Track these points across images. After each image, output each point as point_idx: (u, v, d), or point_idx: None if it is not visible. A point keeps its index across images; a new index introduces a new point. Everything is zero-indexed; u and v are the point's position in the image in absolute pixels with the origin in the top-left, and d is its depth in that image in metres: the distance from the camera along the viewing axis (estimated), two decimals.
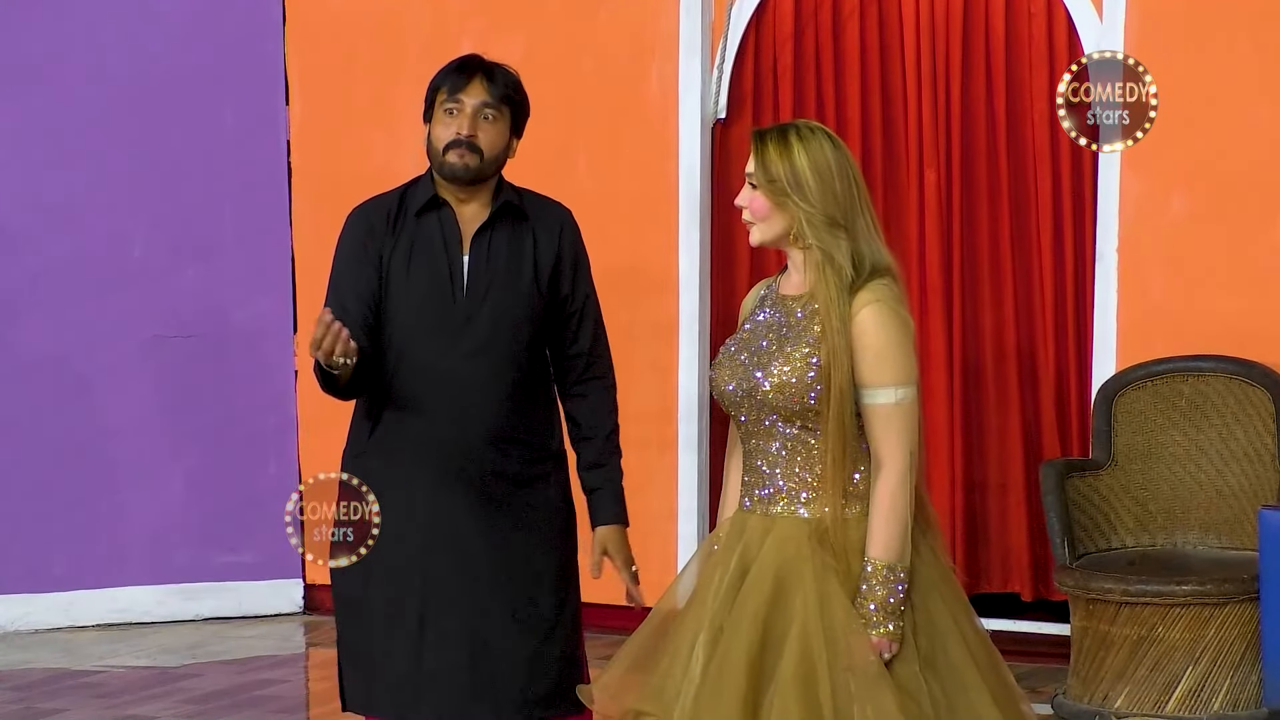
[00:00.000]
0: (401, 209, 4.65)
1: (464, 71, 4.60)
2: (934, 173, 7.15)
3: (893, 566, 3.93)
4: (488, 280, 4.59)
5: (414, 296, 4.59)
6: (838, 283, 3.97)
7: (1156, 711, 5.99)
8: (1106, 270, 6.82)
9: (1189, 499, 6.45)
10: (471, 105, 4.57)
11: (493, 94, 4.59)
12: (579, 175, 7.57)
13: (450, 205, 4.63)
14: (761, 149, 4.03)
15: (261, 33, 8.04)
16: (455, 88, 4.57)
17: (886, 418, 3.96)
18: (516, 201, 4.65)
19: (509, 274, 4.61)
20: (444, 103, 4.58)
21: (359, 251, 4.64)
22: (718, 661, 3.95)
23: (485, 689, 4.58)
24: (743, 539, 4.05)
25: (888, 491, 3.95)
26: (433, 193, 4.63)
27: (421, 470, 4.59)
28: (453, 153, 4.57)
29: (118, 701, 6.83)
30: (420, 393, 4.58)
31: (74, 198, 7.90)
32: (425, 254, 4.61)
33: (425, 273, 4.60)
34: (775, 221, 4.04)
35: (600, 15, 7.58)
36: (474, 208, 4.63)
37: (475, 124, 4.57)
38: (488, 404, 4.57)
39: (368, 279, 4.60)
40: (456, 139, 4.56)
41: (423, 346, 4.58)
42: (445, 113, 4.58)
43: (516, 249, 4.63)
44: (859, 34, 7.25)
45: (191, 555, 8.03)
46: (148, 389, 7.97)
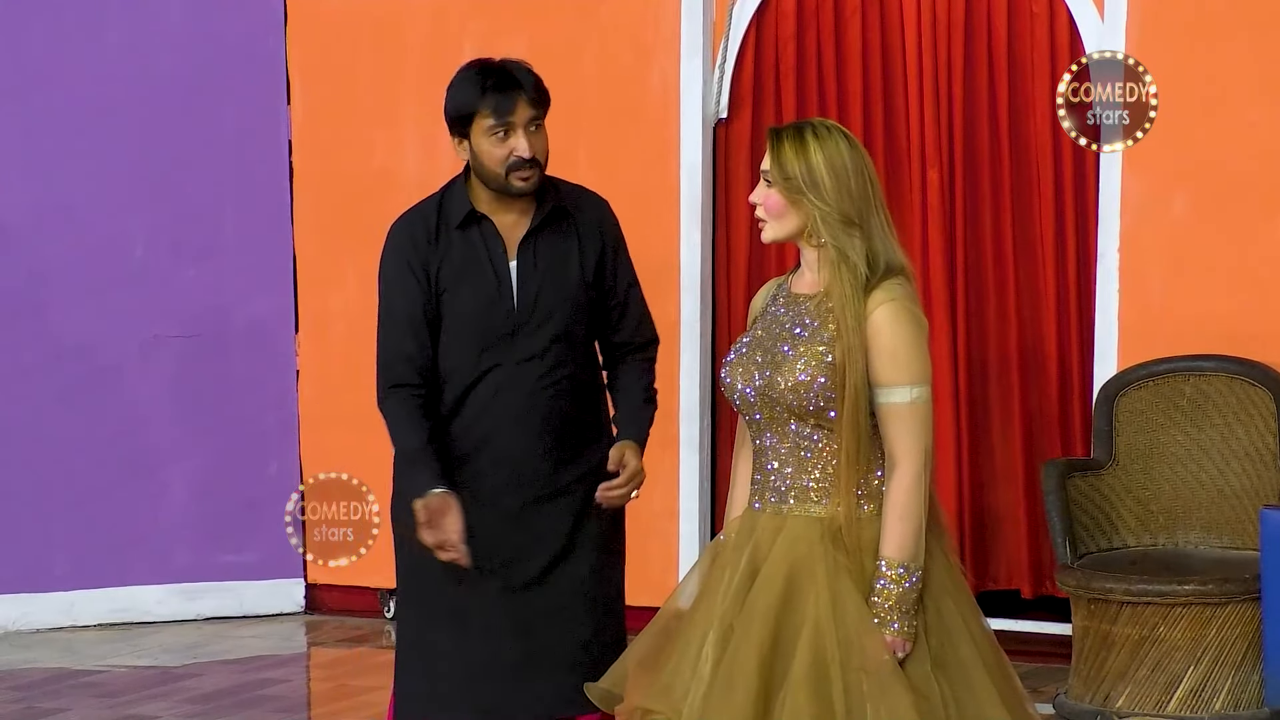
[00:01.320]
0: (441, 221, 4.66)
1: (504, 89, 4.57)
2: (936, 172, 7.15)
3: (906, 566, 3.92)
4: (536, 287, 4.62)
5: (465, 310, 4.62)
6: (852, 281, 3.97)
7: (1158, 711, 5.99)
8: (1108, 270, 6.82)
9: (1190, 499, 6.45)
10: (521, 123, 4.56)
11: (537, 106, 4.60)
12: (580, 174, 7.49)
13: (489, 217, 4.64)
14: (778, 146, 4.04)
15: (263, 32, 8.03)
16: (502, 110, 4.55)
17: (901, 417, 3.96)
18: (559, 202, 4.67)
19: (557, 277, 4.64)
20: (491, 126, 4.55)
21: (406, 270, 4.64)
22: (728, 660, 3.94)
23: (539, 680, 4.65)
24: (753, 538, 4.05)
25: (902, 490, 3.95)
26: (469, 206, 4.64)
27: (483, 476, 4.63)
28: (516, 175, 4.57)
29: (119, 701, 6.83)
30: (479, 401, 4.62)
31: (75, 197, 7.90)
32: (473, 267, 4.62)
33: (474, 286, 4.61)
34: (790, 219, 4.04)
35: (601, 14, 7.58)
36: (515, 213, 4.65)
37: (530, 142, 4.57)
38: (546, 405, 4.62)
39: (420, 298, 4.62)
40: (519, 161, 4.56)
41: (478, 357, 4.61)
42: (493, 134, 4.55)
43: (562, 250, 4.66)
44: (860, 33, 7.25)
45: (193, 555, 8.02)
46: (149, 389, 7.97)
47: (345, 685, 7.07)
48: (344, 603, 7.91)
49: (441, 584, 4.63)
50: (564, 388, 4.65)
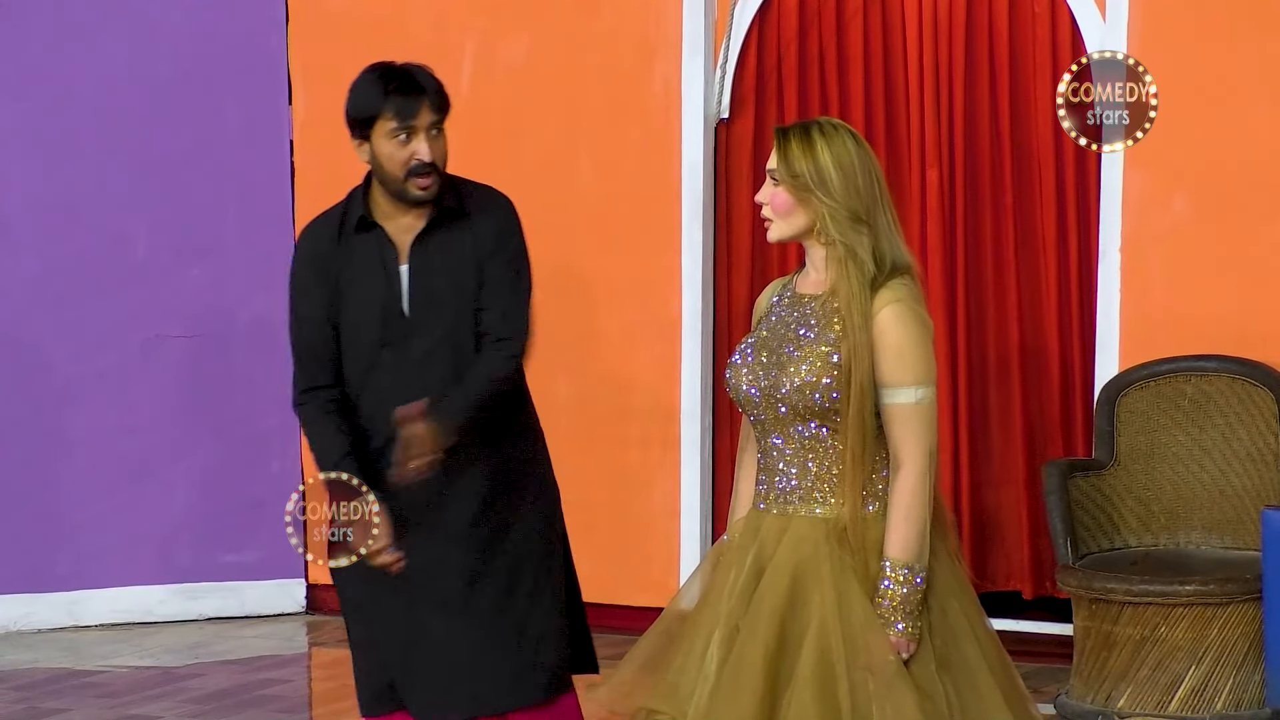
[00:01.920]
0: (344, 227, 4.71)
1: (408, 93, 4.58)
2: (936, 172, 7.15)
3: (911, 566, 3.93)
4: (427, 288, 4.64)
5: (361, 313, 4.66)
6: (860, 278, 3.97)
7: (1159, 711, 5.98)
8: (1109, 270, 6.82)
9: (1192, 499, 6.45)
10: (423, 127, 4.58)
11: (439, 111, 4.62)
12: (582, 174, 7.57)
13: (381, 225, 4.66)
14: (785, 145, 4.03)
15: (264, 31, 8.03)
16: (405, 113, 4.58)
17: (906, 417, 3.96)
18: (454, 204, 4.67)
19: (447, 277, 4.65)
20: (394, 129, 4.57)
21: (310, 275, 4.71)
22: (734, 661, 3.95)
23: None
24: (757, 538, 4.05)
25: (907, 490, 3.95)
26: (361, 213, 4.67)
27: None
28: (415, 181, 4.59)
29: (120, 701, 6.84)
30: (382, 399, 4.63)
31: (76, 197, 7.90)
32: (367, 272, 4.66)
33: (367, 290, 4.65)
34: (797, 217, 4.04)
35: (603, 14, 7.58)
36: (411, 217, 4.67)
37: (431, 146, 4.59)
38: None
39: (324, 301, 4.68)
40: (419, 165, 4.58)
41: (378, 356, 4.64)
42: (394, 137, 4.57)
43: (454, 249, 4.67)
44: (862, 33, 7.25)
45: (194, 555, 8.03)
46: (151, 388, 7.97)
47: (346, 685, 7.02)
48: None
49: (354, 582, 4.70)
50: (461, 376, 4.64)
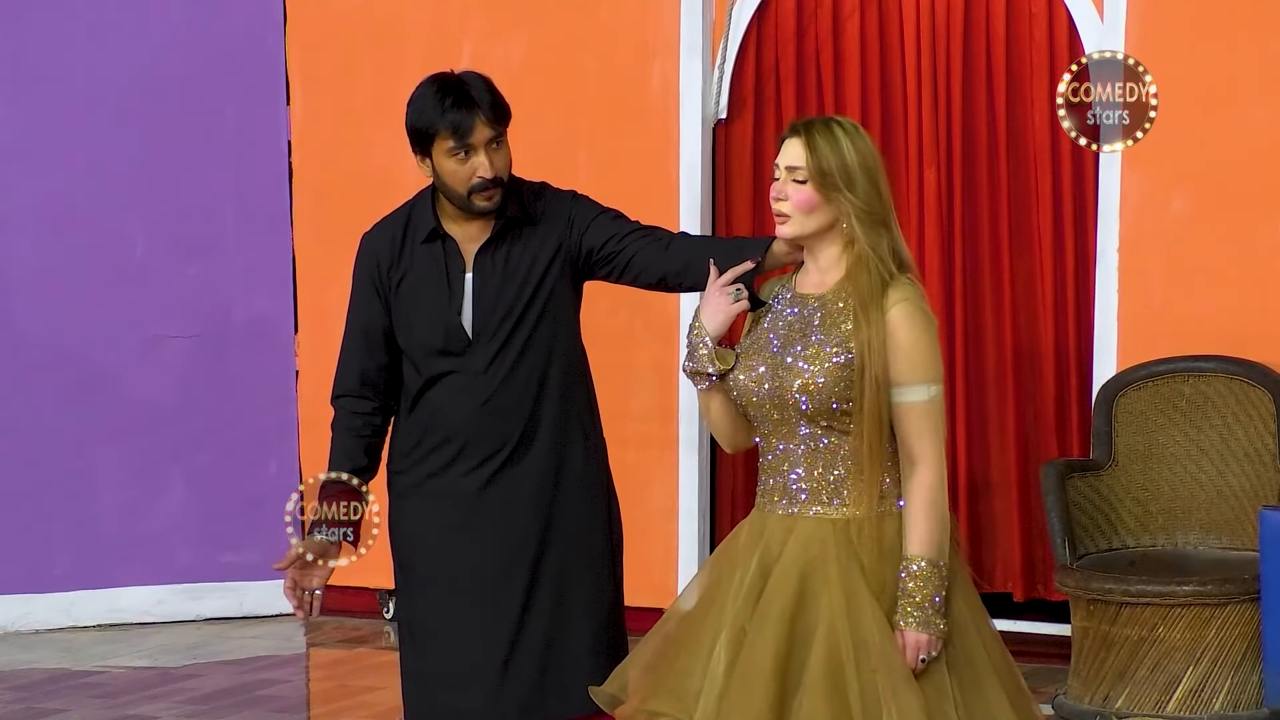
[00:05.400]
0: (407, 235, 4.67)
1: (463, 107, 4.53)
2: (934, 172, 7.15)
3: (935, 563, 3.91)
4: (491, 298, 4.60)
5: (424, 322, 4.63)
6: (880, 278, 3.97)
7: (1157, 712, 5.99)
8: (1107, 270, 6.82)
9: (1190, 499, 6.45)
10: (482, 143, 4.53)
11: (496, 125, 4.56)
12: (579, 175, 7.56)
13: (452, 236, 4.64)
14: (811, 141, 4.00)
15: (262, 32, 8.04)
16: (461, 131, 4.52)
17: (920, 415, 3.95)
18: (519, 214, 4.64)
19: (513, 284, 4.61)
20: (452, 148, 4.52)
21: (368, 285, 4.70)
22: (744, 664, 3.93)
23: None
24: (763, 540, 4.04)
25: (925, 486, 3.94)
26: (434, 223, 4.64)
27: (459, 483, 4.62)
28: (480, 196, 4.55)
29: (119, 702, 6.84)
30: (448, 408, 4.61)
31: (75, 197, 7.90)
32: (431, 282, 4.63)
33: (431, 299, 4.62)
34: (820, 215, 4.02)
35: (601, 15, 7.58)
36: (477, 226, 4.64)
37: (492, 161, 4.54)
38: (514, 408, 4.60)
39: (378, 313, 4.68)
40: (481, 182, 4.54)
41: (442, 365, 4.61)
42: (454, 155, 4.52)
43: (519, 258, 4.63)
44: (859, 34, 7.25)
45: (193, 555, 8.03)
46: (149, 388, 7.97)
47: (345, 686, 7.07)
48: (343, 603, 7.90)
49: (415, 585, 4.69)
50: (534, 388, 4.62)
